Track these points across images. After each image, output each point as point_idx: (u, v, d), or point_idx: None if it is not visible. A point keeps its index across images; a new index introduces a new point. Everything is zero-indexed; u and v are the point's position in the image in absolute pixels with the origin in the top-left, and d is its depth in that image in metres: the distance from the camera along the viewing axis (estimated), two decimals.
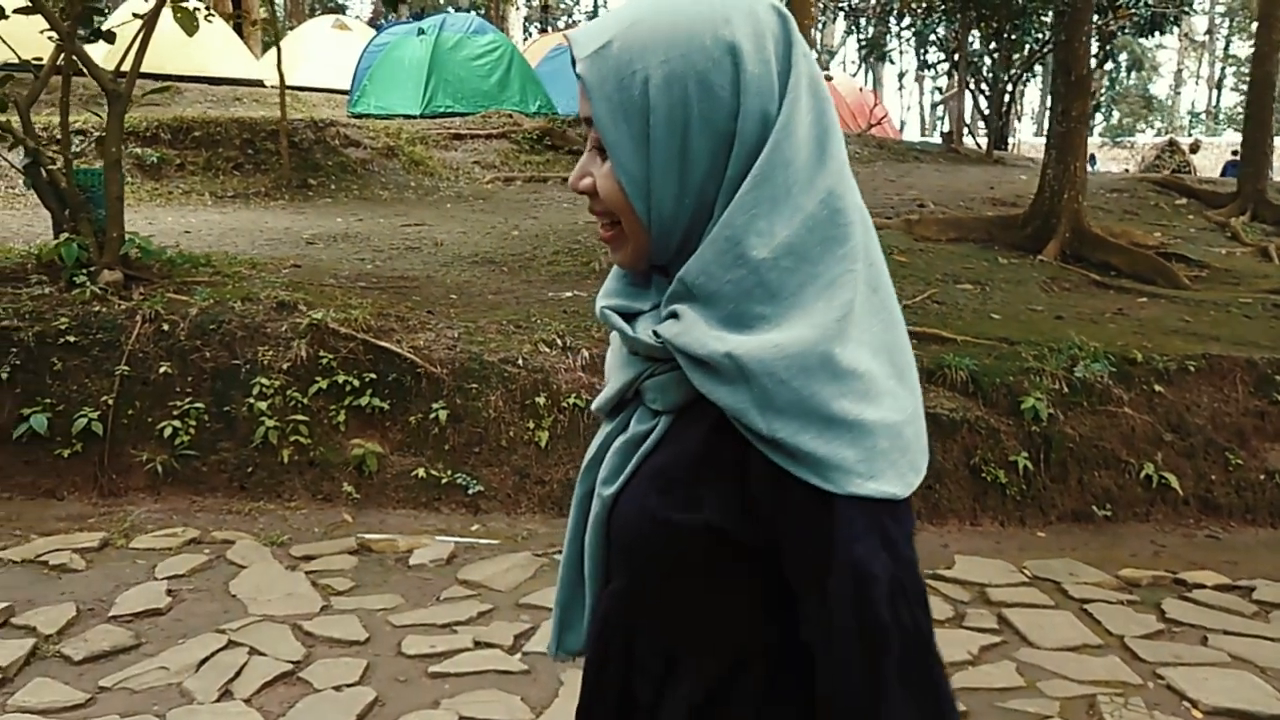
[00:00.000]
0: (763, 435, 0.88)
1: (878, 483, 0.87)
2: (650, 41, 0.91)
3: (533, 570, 4.17)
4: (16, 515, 4.72)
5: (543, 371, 5.32)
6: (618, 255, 1.00)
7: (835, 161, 0.94)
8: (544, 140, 12.43)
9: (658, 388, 0.97)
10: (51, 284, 5.50)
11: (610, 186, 0.95)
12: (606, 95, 0.92)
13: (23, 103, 5.76)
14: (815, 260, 0.90)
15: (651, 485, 0.97)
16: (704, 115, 0.91)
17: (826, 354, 0.87)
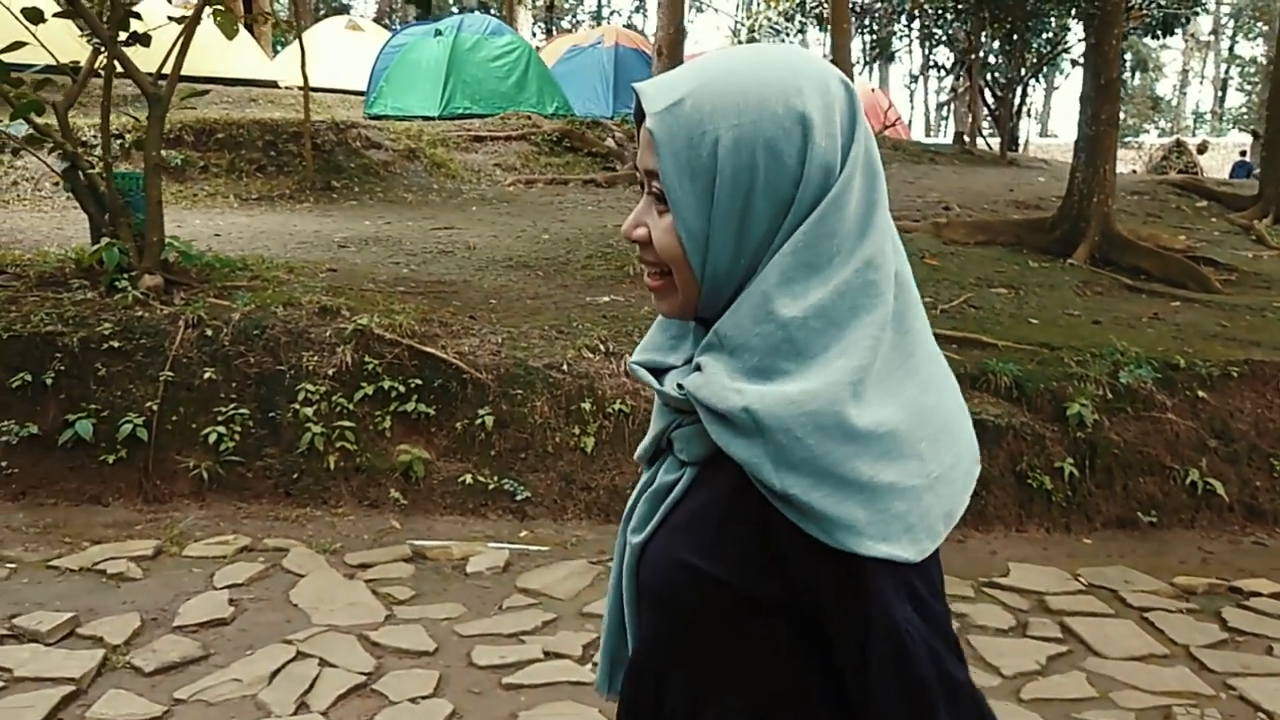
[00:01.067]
0: (775, 491, 0.89)
1: (889, 545, 0.88)
2: (722, 103, 0.93)
3: (590, 578, 4.15)
4: (64, 522, 4.70)
5: (587, 377, 5.30)
6: (663, 305, 1.02)
7: (878, 233, 0.95)
8: (563, 142, 12.40)
9: (684, 439, 1.00)
10: (92, 289, 5.48)
11: (669, 241, 0.97)
12: (675, 152, 0.94)
13: (60, 106, 5.75)
14: (843, 325, 0.92)
15: (676, 535, 0.99)
16: (769, 180, 0.93)
17: (840, 414, 0.88)
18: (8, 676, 3.16)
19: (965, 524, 5.20)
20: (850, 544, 0.87)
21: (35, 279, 5.62)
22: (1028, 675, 3.51)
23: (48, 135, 5.55)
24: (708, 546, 0.96)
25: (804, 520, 0.88)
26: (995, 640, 3.78)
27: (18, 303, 5.30)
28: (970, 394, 5.54)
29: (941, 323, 6.43)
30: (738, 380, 0.92)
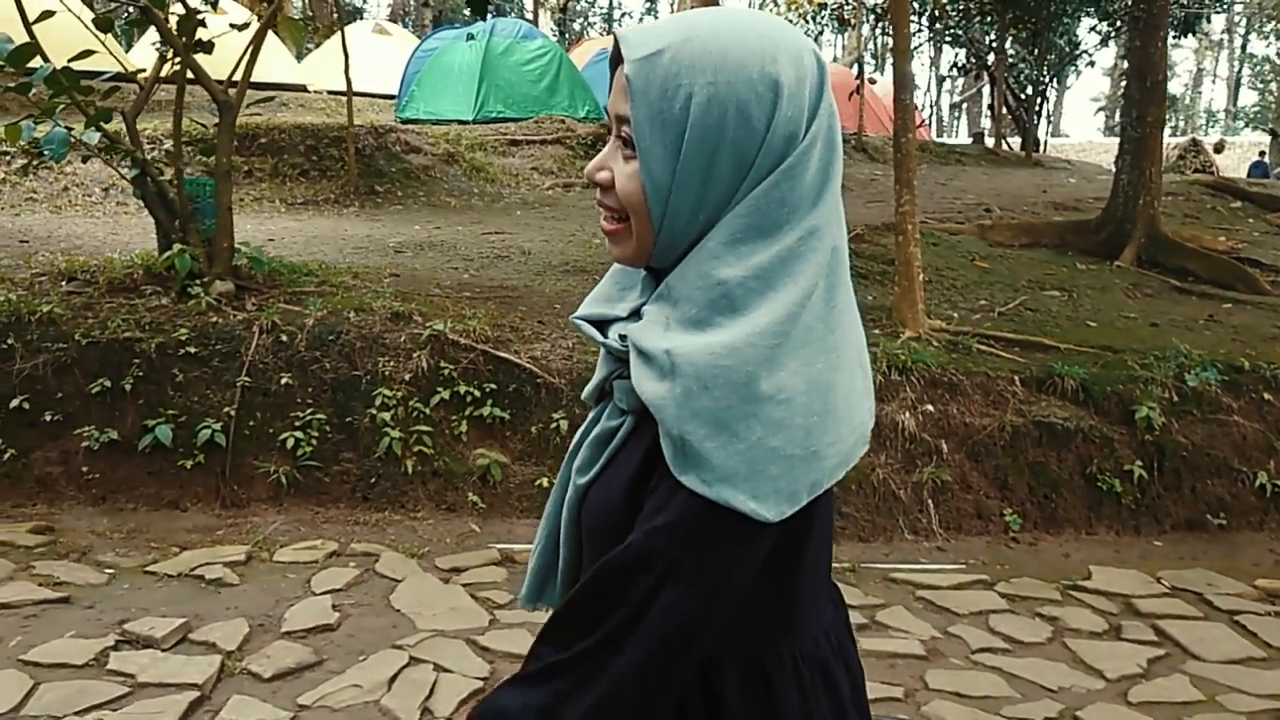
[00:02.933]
0: (672, 433, 0.92)
1: (756, 503, 0.91)
2: (700, 60, 0.95)
3: None
4: (146, 527, 4.74)
5: None
6: (616, 249, 1.05)
7: (826, 207, 0.99)
8: (597, 146, 12.42)
9: (623, 389, 1.03)
10: (165, 295, 5.52)
11: (633, 188, 0.99)
12: (649, 101, 0.95)
13: (129, 114, 5.79)
14: (778, 288, 0.95)
15: (614, 483, 1.03)
16: (735, 141, 0.95)
17: (752, 374, 0.92)
18: (132, 682, 3.19)
19: (1036, 526, 5.23)
20: (725, 495, 0.91)
21: (106, 285, 5.65)
22: (1131, 679, 3.53)
23: (119, 143, 5.59)
24: (633, 495, 0.99)
25: (688, 465, 0.91)
26: (1092, 644, 3.80)
27: (93, 309, 5.34)
28: (1037, 397, 5.57)
29: (1002, 325, 6.45)
30: (674, 328, 0.96)
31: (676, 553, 0.92)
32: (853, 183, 12.84)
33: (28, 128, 5.44)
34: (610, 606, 0.95)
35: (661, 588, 0.93)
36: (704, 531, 0.92)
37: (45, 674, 3.23)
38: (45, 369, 5.06)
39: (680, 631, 0.94)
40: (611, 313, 1.09)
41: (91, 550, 4.38)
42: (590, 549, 1.07)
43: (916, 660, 3.62)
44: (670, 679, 0.96)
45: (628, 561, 0.94)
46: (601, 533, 1.04)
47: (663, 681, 0.96)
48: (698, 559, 0.93)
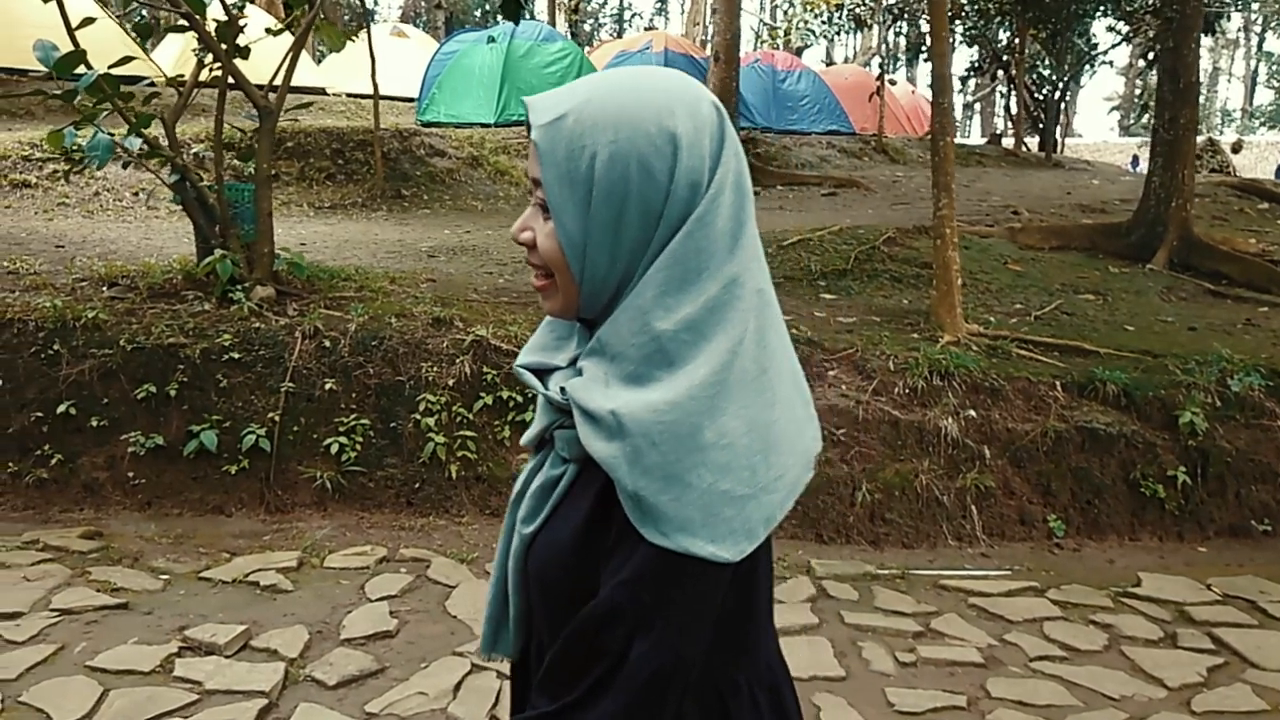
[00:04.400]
0: (627, 489, 0.96)
1: (715, 546, 0.95)
2: (601, 120, 1.00)
3: None
4: (193, 532, 4.75)
5: None
6: (548, 304, 1.09)
7: (744, 253, 1.02)
8: None
9: (564, 439, 1.07)
10: (206, 300, 5.54)
11: (551, 245, 1.04)
12: (556, 163, 1.01)
13: (168, 119, 5.81)
14: (710, 337, 0.99)
15: (559, 533, 1.06)
16: (640, 194, 0.99)
17: (696, 425, 0.96)
18: (199, 689, 3.20)
19: (1079, 532, 5.21)
20: (684, 543, 0.95)
21: (147, 290, 5.68)
22: (1192, 688, 3.51)
23: (159, 148, 5.61)
24: (582, 548, 1.03)
25: (645, 520, 0.95)
26: (1150, 652, 3.79)
27: (136, 314, 5.36)
28: (1079, 402, 5.55)
29: (1039, 329, 6.44)
30: (614, 385, 1.00)
31: (643, 604, 0.96)
32: (875, 184, 12.85)
33: (70, 134, 5.46)
34: (589, 659, 0.98)
35: (634, 638, 0.96)
36: (667, 580, 0.96)
37: (113, 680, 3.25)
38: (91, 375, 5.08)
39: (658, 677, 0.97)
40: (551, 362, 1.12)
41: (143, 556, 4.40)
42: (541, 597, 1.10)
43: (976, 668, 3.62)
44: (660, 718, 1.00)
45: (599, 616, 0.98)
46: (551, 580, 1.07)
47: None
48: (664, 607, 0.96)
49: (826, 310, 6.52)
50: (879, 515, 5.13)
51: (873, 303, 6.83)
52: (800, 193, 11.98)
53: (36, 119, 11.57)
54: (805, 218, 9.78)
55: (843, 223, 8.92)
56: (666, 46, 15.64)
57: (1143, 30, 17.01)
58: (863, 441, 5.27)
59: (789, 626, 3.84)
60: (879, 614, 4.04)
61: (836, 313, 6.49)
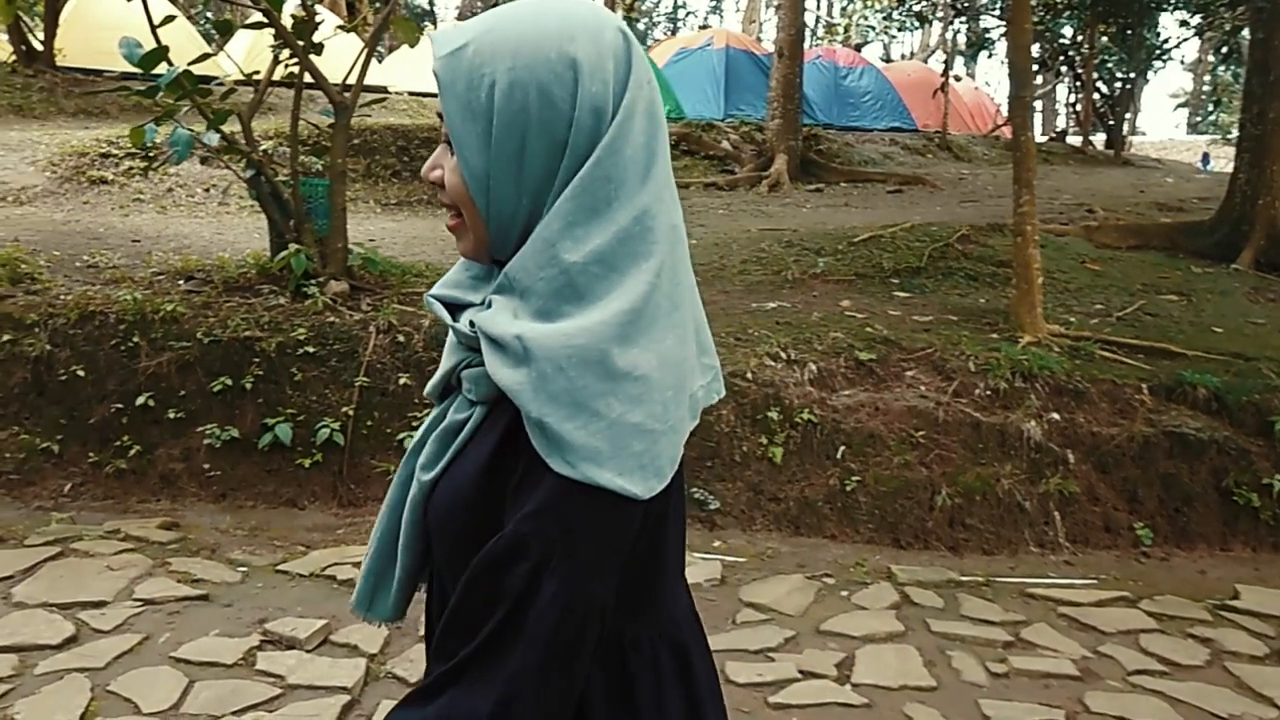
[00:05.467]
0: (531, 417, 0.92)
1: (624, 479, 0.91)
2: (500, 48, 0.97)
3: (812, 594, 4.09)
4: (267, 524, 4.77)
5: (772, 385, 5.23)
6: (461, 245, 1.06)
7: (655, 183, 0.98)
8: (679, 145, 12.36)
9: (472, 378, 1.02)
10: (281, 294, 5.56)
11: (455, 180, 1.01)
12: (457, 94, 0.98)
13: (245, 115, 5.85)
14: (621, 270, 0.95)
15: (464, 476, 1.01)
16: (542, 122, 0.96)
17: (605, 352, 0.92)
18: (282, 683, 3.19)
19: (1166, 540, 5.04)
20: (591, 474, 0.90)
21: (223, 285, 5.72)
22: None
23: (236, 144, 5.65)
24: (488, 488, 0.98)
25: (550, 448, 0.91)
26: (1258, 669, 3.63)
27: (213, 308, 5.40)
28: (1167, 406, 5.37)
29: (1122, 330, 6.25)
30: (523, 319, 0.95)
31: (550, 536, 0.91)
32: (941, 181, 12.64)
33: (150, 130, 5.52)
34: (489, 604, 0.92)
35: (540, 576, 0.90)
36: (575, 513, 0.91)
37: (197, 672, 3.25)
38: (169, 367, 5.13)
39: (568, 620, 0.91)
40: (465, 297, 1.07)
41: (220, 548, 4.41)
42: (439, 547, 1.05)
43: (1071, 681, 3.49)
44: (573, 670, 0.93)
45: (500, 552, 0.92)
46: (451, 529, 1.02)
47: (566, 675, 0.93)
48: (571, 542, 0.91)
49: (901, 309, 6.39)
50: (959, 520, 5.00)
51: (948, 301, 6.68)
52: (865, 190, 11.81)
53: (111, 117, 11.78)
54: (872, 215, 9.63)
55: (912, 220, 8.76)
56: (728, 43, 15.54)
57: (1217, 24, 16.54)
58: (942, 444, 5.14)
59: (874, 633, 3.75)
60: (966, 622, 3.93)
61: (911, 311, 6.36)
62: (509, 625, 0.91)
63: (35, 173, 8.88)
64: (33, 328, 5.24)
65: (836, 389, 5.31)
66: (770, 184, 11.32)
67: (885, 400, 5.29)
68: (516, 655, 0.90)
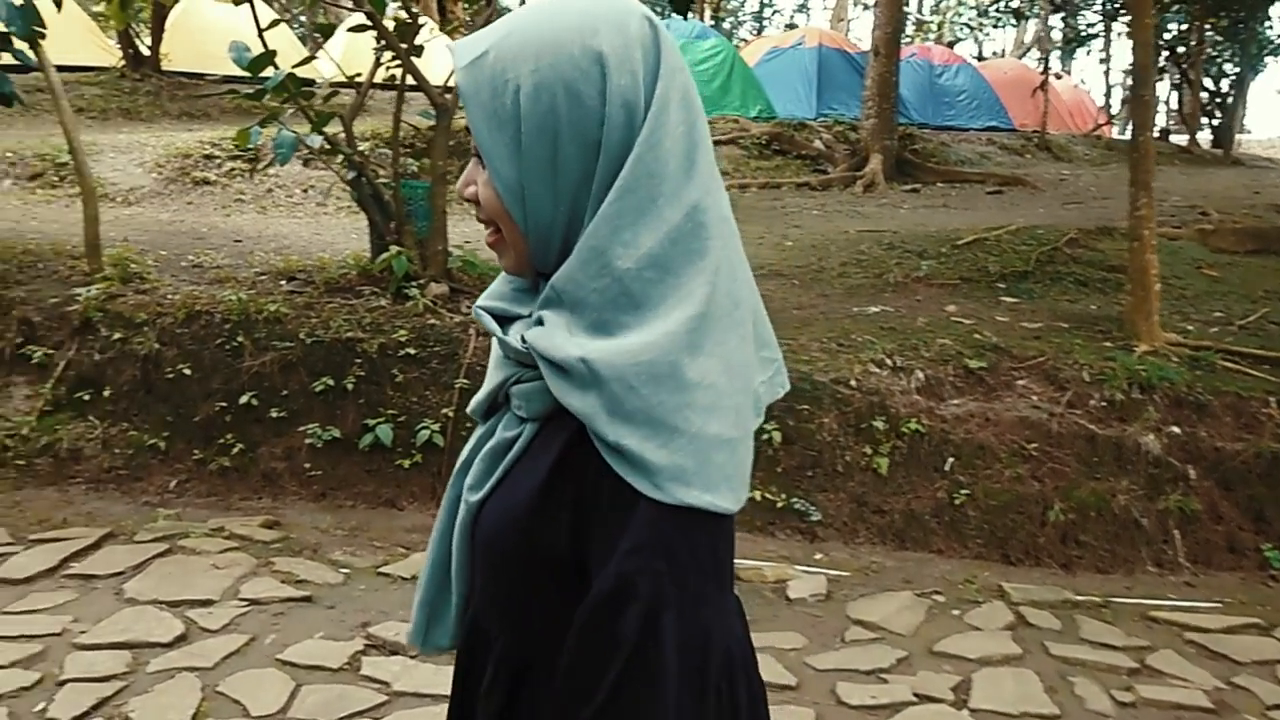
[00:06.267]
0: (608, 442, 0.88)
1: (712, 495, 0.87)
2: (522, 51, 0.92)
3: (923, 612, 3.94)
4: (366, 525, 4.79)
5: (877, 394, 5.09)
6: (503, 261, 1.01)
7: (701, 174, 0.93)
8: (771, 145, 12.22)
9: (523, 395, 0.98)
10: (382, 296, 5.60)
11: (489, 195, 0.96)
12: (481, 104, 0.93)
13: (347, 117, 5.90)
14: (677, 272, 0.90)
15: (515, 495, 0.97)
16: (572, 123, 0.91)
17: (675, 364, 0.87)
18: (387, 690, 3.18)
19: None
20: (678, 494, 0.86)
21: (324, 285, 5.78)
22: None
23: (338, 146, 5.70)
24: (542, 508, 0.94)
25: (634, 473, 0.86)
26: None
27: (315, 309, 5.46)
28: None
29: (1245, 340, 5.94)
30: (578, 335, 0.91)
31: (656, 571, 0.86)
32: (1041, 182, 12.28)
33: (255, 132, 5.60)
34: (608, 656, 0.87)
35: (656, 616, 0.86)
36: (675, 541, 0.87)
37: (304, 676, 3.25)
38: (272, 367, 5.19)
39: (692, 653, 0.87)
40: (512, 309, 1.03)
41: (321, 548, 4.44)
42: (491, 572, 1.01)
43: (1204, 714, 3.30)
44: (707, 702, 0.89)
45: (608, 598, 0.87)
46: (503, 550, 0.98)
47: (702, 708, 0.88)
48: (678, 573, 0.87)
49: (1009, 315, 6.18)
50: (1071, 537, 4.80)
51: (1058, 307, 6.44)
52: (963, 191, 11.51)
53: (213, 120, 12.09)
54: (973, 216, 9.36)
55: (1015, 222, 8.49)
56: (821, 42, 15.31)
57: None
58: (1055, 457, 4.94)
59: (990, 655, 3.59)
60: (1086, 646, 3.74)
61: (1020, 317, 6.14)
62: (634, 674, 0.86)
63: (143, 174, 9.14)
64: (142, 326, 5.36)
65: (945, 398, 5.14)
66: (865, 184, 11.11)
67: (996, 410, 5.10)
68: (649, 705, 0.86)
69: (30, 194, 8.56)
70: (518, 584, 0.98)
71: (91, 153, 7.80)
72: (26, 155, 9.04)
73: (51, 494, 4.97)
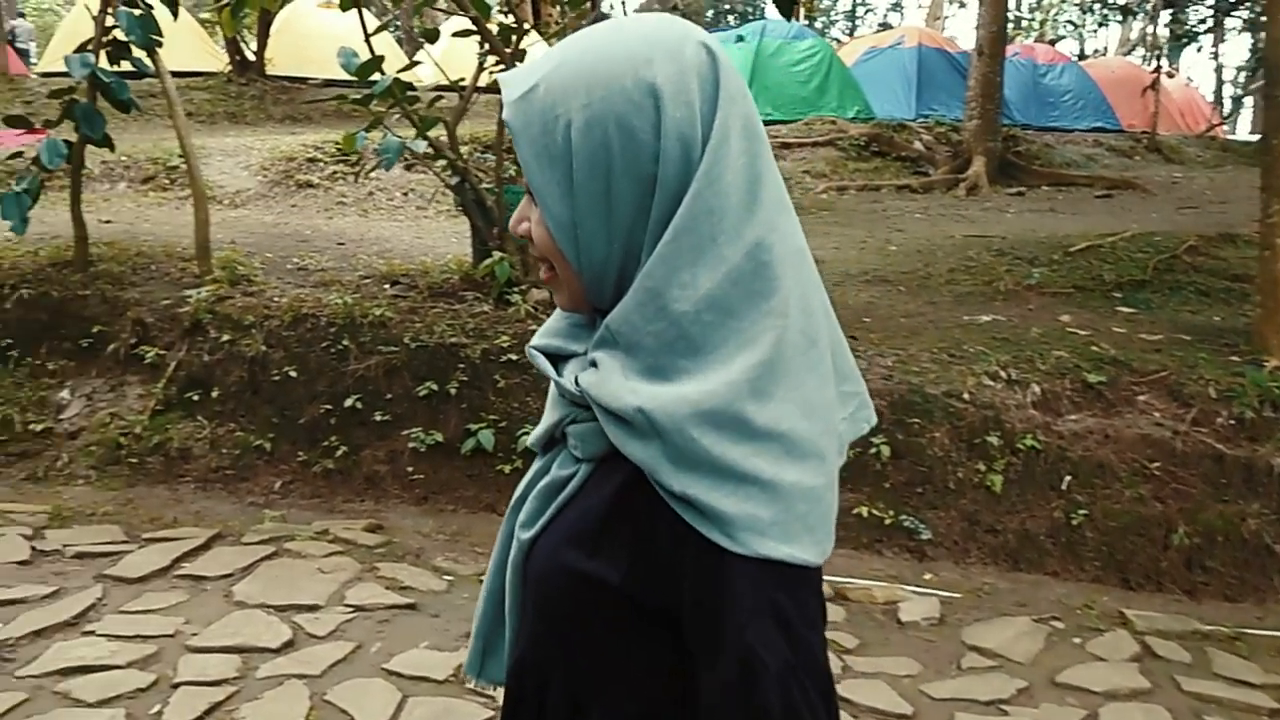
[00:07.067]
0: (674, 493, 0.85)
1: (791, 547, 0.84)
2: (573, 85, 0.89)
3: (1042, 640, 3.77)
4: (467, 530, 4.78)
5: (992, 408, 4.90)
6: (558, 298, 0.99)
7: (765, 209, 0.89)
8: (870, 147, 11.99)
9: (579, 435, 0.95)
10: (484, 301, 5.60)
11: (541, 233, 0.93)
12: (532, 140, 0.90)
13: (450, 122, 5.92)
14: (739, 315, 0.87)
15: (566, 535, 0.95)
16: (626, 159, 0.88)
17: (740, 412, 0.84)
18: (493, 704, 3.14)
19: None
20: (753, 545, 0.83)
21: (427, 290, 5.81)
22: None
23: (442, 150, 5.72)
24: (595, 549, 0.92)
25: (705, 523, 0.84)
26: None
27: (418, 313, 5.49)
28: None
29: None
30: (633, 379, 0.88)
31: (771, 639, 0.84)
32: (1153, 185, 11.81)
33: (361, 137, 5.66)
34: None
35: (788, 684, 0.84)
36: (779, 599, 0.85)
37: (410, 686, 3.23)
38: (376, 370, 5.23)
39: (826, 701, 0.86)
40: (567, 347, 1.00)
41: (424, 553, 4.45)
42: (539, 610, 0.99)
43: None
44: None
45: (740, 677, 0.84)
46: (553, 590, 0.96)
47: None
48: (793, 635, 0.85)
49: (1127, 326, 5.91)
50: (1197, 562, 4.55)
51: (1178, 319, 6.15)
52: (1070, 194, 11.13)
53: (314, 123, 12.35)
54: (1082, 221, 9.04)
55: (1128, 228, 8.16)
56: (920, 42, 14.99)
57: None
58: (1180, 477, 4.70)
59: (1117, 689, 3.41)
60: (1221, 682, 3.53)
61: (1138, 329, 5.87)
62: None
63: (248, 176, 9.36)
64: (249, 329, 5.45)
65: (1062, 413, 4.93)
66: (968, 187, 10.82)
67: (1116, 427, 4.87)
68: None
69: (143, 196, 8.84)
70: (568, 623, 0.96)
71: (200, 156, 7.99)
72: (140, 159, 9.33)
73: (162, 492, 5.08)
